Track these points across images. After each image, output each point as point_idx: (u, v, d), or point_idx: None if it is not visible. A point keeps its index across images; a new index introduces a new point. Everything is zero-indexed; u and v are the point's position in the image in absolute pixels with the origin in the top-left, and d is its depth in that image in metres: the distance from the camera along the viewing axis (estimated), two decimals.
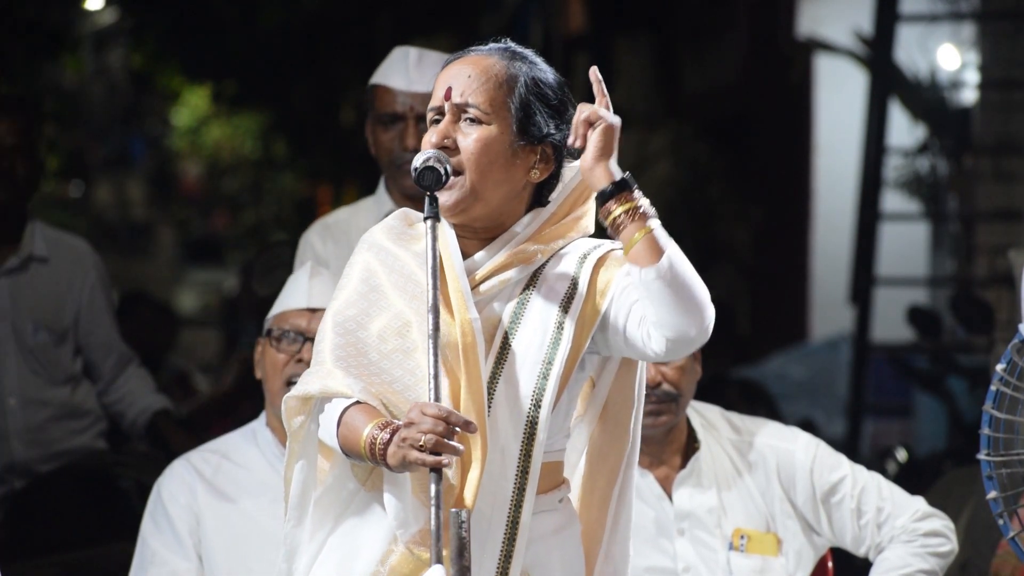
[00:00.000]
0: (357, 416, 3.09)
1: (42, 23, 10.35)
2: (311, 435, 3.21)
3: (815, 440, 4.17)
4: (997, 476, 3.52)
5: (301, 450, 3.22)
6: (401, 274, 3.19)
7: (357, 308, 3.17)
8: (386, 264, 3.20)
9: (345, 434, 3.09)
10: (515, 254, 3.19)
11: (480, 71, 3.19)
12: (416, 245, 3.21)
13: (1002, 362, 3.54)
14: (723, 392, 7.99)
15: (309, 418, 3.19)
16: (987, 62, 8.28)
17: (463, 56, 3.23)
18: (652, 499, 4.10)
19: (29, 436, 5.47)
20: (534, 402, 3.13)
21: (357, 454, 3.08)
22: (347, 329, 3.16)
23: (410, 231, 3.25)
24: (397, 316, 3.15)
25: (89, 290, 5.65)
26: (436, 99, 3.21)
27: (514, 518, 3.12)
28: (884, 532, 4.07)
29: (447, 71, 3.22)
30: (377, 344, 3.14)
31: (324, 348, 3.17)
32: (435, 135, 3.18)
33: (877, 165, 8.85)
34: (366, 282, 3.19)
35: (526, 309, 3.18)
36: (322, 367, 3.15)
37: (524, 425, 3.12)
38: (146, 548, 4.20)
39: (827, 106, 12.68)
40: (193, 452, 4.30)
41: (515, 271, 3.19)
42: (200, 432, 5.45)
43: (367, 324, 3.15)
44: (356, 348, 3.14)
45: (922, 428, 9.11)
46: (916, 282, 10.61)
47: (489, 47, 3.25)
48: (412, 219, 3.27)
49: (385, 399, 3.12)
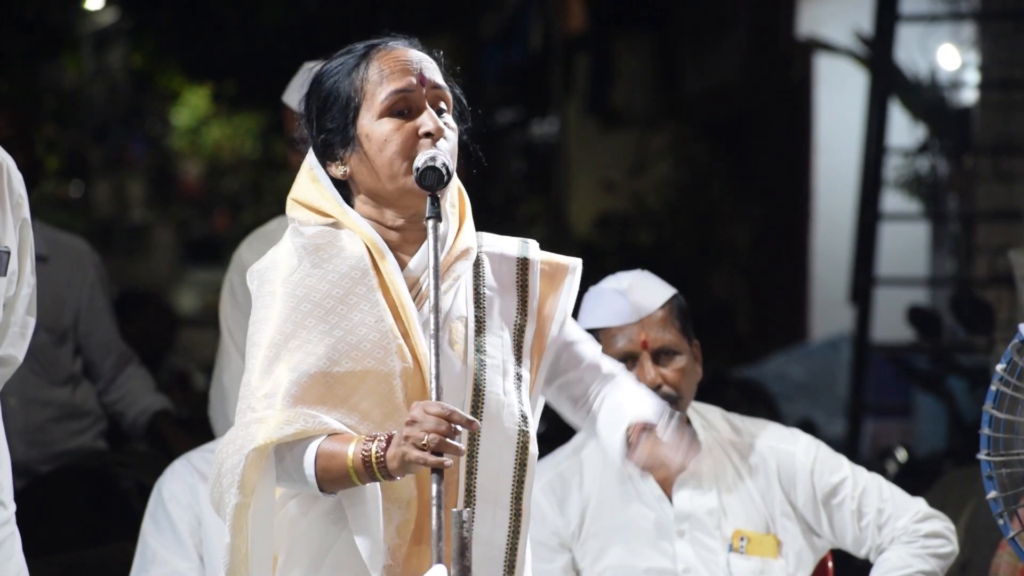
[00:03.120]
0: (334, 444, 2.96)
1: (42, 23, 10.35)
2: (267, 489, 3.00)
3: (816, 442, 4.17)
4: (997, 476, 3.52)
5: (258, 511, 2.99)
6: (333, 298, 3.07)
7: (300, 339, 3.02)
8: (315, 289, 3.06)
9: (325, 465, 2.96)
10: (452, 252, 3.14)
11: (429, 62, 3.14)
12: (336, 263, 3.08)
13: (1002, 362, 3.54)
14: (723, 392, 8.01)
15: (267, 468, 2.98)
16: (987, 62, 8.28)
17: (396, 46, 3.13)
18: (652, 500, 4.10)
19: (29, 436, 5.47)
20: (520, 400, 3.14)
21: (342, 479, 2.97)
22: (293, 362, 3.01)
23: (321, 244, 3.11)
24: (343, 343, 3.03)
25: (89, 290, 5.66)
26: (404, 81, 3.09)
27: (516, 512, 3.13)
28: (885, 533, 4.07)
29: (400, 56, 3.12)
30: (328, 373, 3.01)
31: (275, 389, 2.99)
32: (431, 123, 3.09)
33: (877, 165, 8.86)
34: (297, 309, 3.04)
35: (485, 310, 3.15)
36: (272, 410, 2.99)
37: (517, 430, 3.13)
38: (147, 548, 4.20)
39: (827, 106, 12.69)
40: (194, 452, 4.30)
41: (460, 267, 3.15)
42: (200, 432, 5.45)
43: (313, 351, 3.01)
44: (310, 378, 3.00)
45: (922, 428, 9.12)
46: (916, 282, 10.62)
47: (406, 41, 3.17)
48: (306, 232, 3.13)
49: (351, 428, 3.01)
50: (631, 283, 4.06)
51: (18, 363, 3.37)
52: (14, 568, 3.28)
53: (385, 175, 3.10)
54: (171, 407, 5.87)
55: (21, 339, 3.35)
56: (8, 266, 3.28)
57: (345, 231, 3.12)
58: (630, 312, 4.02)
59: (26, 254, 3.35)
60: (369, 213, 3.14)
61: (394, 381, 3.04)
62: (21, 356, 3.37)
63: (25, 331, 3.36)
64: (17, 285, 3.33)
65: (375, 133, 3.10)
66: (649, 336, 4.04)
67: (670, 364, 4.06)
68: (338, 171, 3.14)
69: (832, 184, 12.51)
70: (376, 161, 3.11)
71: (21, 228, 3.33)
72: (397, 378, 3.04)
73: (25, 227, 3.34)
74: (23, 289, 3.35)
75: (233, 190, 23.17)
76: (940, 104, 9.66)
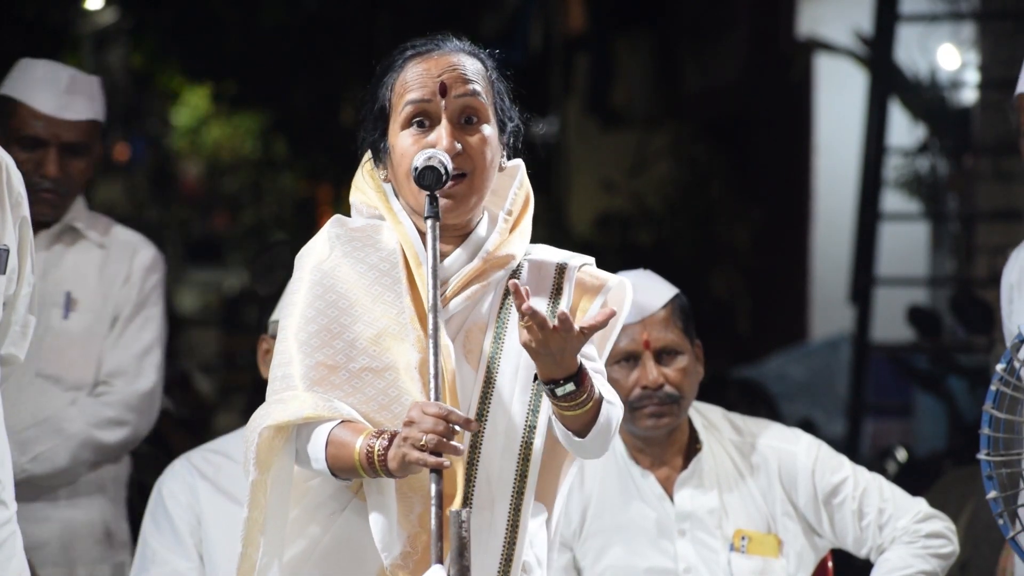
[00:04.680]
0: (345, 433, 3.01)
1: (42, 23, 10.35)
2: (283, 469, 3.08)
3: (817, 442, 4.17)
4: (997, 476, 3.52)
5: (273, 488, 3.07)
6: (358, 288, 3.12)
7: (318, 324, 3.09)
8: (342, 278, 3.13)
9: (335, 453, 3.01)
10: (490, 260, 3.17)
11: (464, 66, 3.15)
12: (369, 254, 3.14)
13: (1002, 362, 3.54)
14: (723, 392, 8.00)
15: (284, 449, 3.07)
16: (987, 62, 8.28)
17: (431, 52, 3.16)
18: (653, 500, 4.10)
19: None
20: (531, 409, 3.13)
21: (350, 470, 3.01)
22: (313, 346, 3.07)
23: (358, 236, 3.17)
24: (362, 334, 3.09)
25: None
26: (422, 92, 3.13)
27: (514, 521, 3.13)
28: (886, 533, 4.07)
29: (427, 65, 3.15)
30: (345, 362, 3.08)
31: (293, 371, 3.07)
32: (447, 138, 3.11)
33: (877, 165, 8.85)
34: (321, 298, 3.11)
35: (510, 317, 3.15)
36: (292, 391, 3.06)
37: (521, 440, 3.13)
38: (147, 548, 4.20)
39: (827, 106, 12.69)
40: (194, 452, 4.30)
41: (494, 276, 3.17)
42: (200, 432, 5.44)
43: (331, 341, 3.08)
44: (327, 366, 3.07)
45: (922, 428, 9.11)
46: (916, 282, 10.62)
47: (451, 45, 3.20)
48: (348, 223, 3.20)
49: (367, 418, 3.06)
50: (633, 283, 4.05)
51: (19, 362, 3.37)
52: (16, 567, 3.28)
53: (404, 188, 3.16)
54: (171, 407, 5.86)
55: (22, 338, 3.36)
56: (8, 264, 3.28)
57: (387, 225, 3.18)
58: (632, 312, 4.02)
59: (26, 252, 3.35)
60: (410, 214, 3.19)
61: (413, 372, 3.07)
62: (22, 355, 3.37)
63: (26, 330, 3.36)
64: (17, 284, 3.33)
65: (396, 146, 3.15)
66: (651, 336, 4.04)
67: (672, 364, 4.06)
68: (380, 175, 3.21)
69: (832, 184, 12.51)
70: (397, 173, 3.16)
71: (21, 226, 3.33)
72: (415, 370, 3.07)
73: (25, 225, 3.34)
74: (23, 288, 3.35)
75: (233, 190, 23.16)
76: (940, 104, 9.66)
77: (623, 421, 4.07)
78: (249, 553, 3.09)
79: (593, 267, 3.25)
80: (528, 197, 3.28)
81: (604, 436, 3.08)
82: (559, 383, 2.99)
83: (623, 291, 3.23)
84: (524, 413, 3.13)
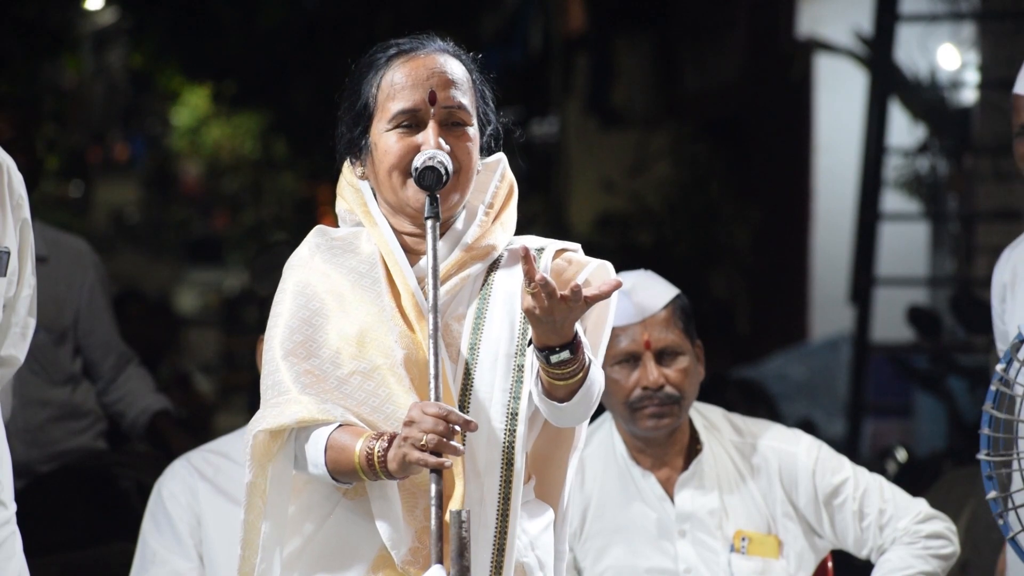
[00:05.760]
0: (344, 437, 3.03)
1: (42, 23, 10.34)
2: (282, 473, 3.10)
3: (817, 442, 4.17)
4: (997, 476, 3.52)
5: (271, 491, 3.09)
6: (339, 294, 3.15)
7: (303, 335, 3.12)
8: (323, 286, 3.16)
9: (335, 457, 3.03)
10: (470, 252, 3.19)
11: (451, 71, 3.18)
12: (348, 259, 3.18)
13: (1002, 362, 3.54)
14: (723, 392, 7.99)
15: (281, 453, 3.09)
16: (987, 62, 8.28)
17: (416, 52, 3.19)
18: (654, 500, 4.10)
19: (29, 436, 5.47)
20: (513, 396, 3.13)
21: (351, 473, 3.03)
22: (300, 356, 3.10)
23: (338, 244, 3.21)
24: (346, 338, 3.11)
25: (88, 290, 5.65)
26: (412, 100, 3.16)
27: (503, 510, 3.13)
28: (886, 534, 4.07)
29: (413, 66, 3.18)
30: (332, 370, 3.09)
31: (284, 379, 3.09)
32: (434, 139, 3.13)
33: (877, 165, 8.85)
34: (305, 307, 3.14)
35: (488, 308, 3.17)
36: (286, 396, 3.08)
37: (504, 429, 3.13)
38: (146, 548, 4.20)
39: (827, 106, 12.68)
40: (194, 452, 4.30)
41: (473, 268, 3.19)
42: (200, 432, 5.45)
43: (317, 351, 3.11)
44: (315, 375, 3.09)
45: (922, 428, 9.11)
46: (916, 282, 10.62)
47: (435, 45, 3.22)
48: (330, 233, 3.24)
49: (360, 420, 3.07)
50: (634, 283, 4.06)
51: (19, 363, 3.38)
52: (15, 568, 3.28)
53: (385, 186, 3.19)
54: (171, 407, 5.87)
55: (22, 340, 3.36)
56: (8, 266, 3.28)
57: (366, 232, 3.21)
58: (633, 312, 4.02)
59: (27, 255, 3.35)
60: (387, 213, 3.22)
61: (398, 370, 3.08)
62: (22, 357, 3.37)
63: (26, 332, 3.37)
64: (18, 286, 3.33)
65: (380, 144, 3.18)
66: (652, 336, 4.04)
67: (673, 364, 4.05)
68: (357, 171, 3.24)
69: (832, 184, 12.51)
70: (379, 171, 3.19)
71: (21, 229, 3.33)
72: (400, 367, 3.08)
73: (25, 228, 3.34)
74: (24, 290, 3.35)
75: (233, 190, 23.17)
76: (940, 104, 9.65)
77: (624, 422, 4.08)
78: (247, 556, 3.10)
79: (577, 253, 3.25)
80: (512, 189, 3.29)
81: (586, 402, 3.09)
82: (555, 350, 3.00)
83: (605, 271, 3.23)
84: (505, 402, 3.14)
